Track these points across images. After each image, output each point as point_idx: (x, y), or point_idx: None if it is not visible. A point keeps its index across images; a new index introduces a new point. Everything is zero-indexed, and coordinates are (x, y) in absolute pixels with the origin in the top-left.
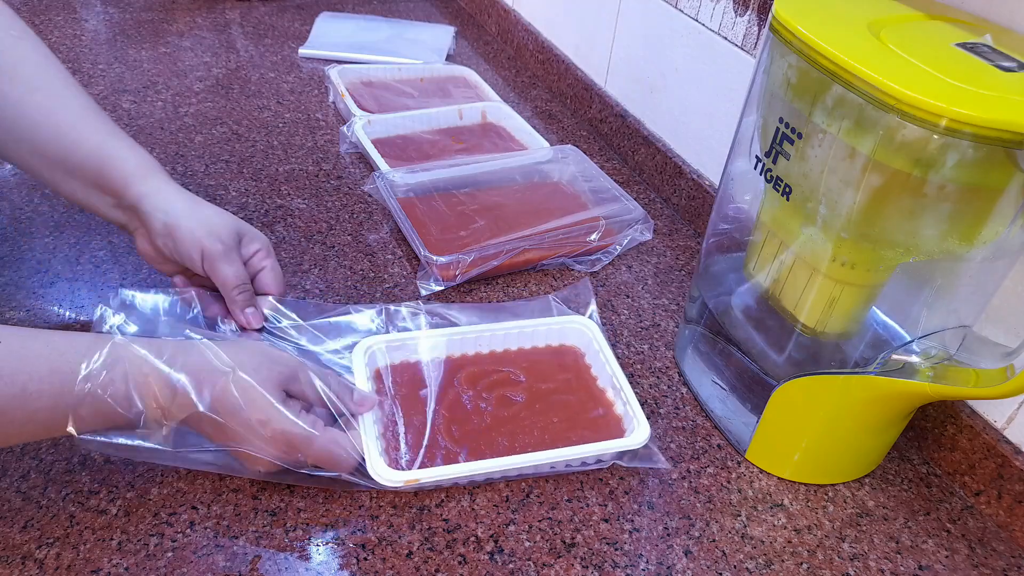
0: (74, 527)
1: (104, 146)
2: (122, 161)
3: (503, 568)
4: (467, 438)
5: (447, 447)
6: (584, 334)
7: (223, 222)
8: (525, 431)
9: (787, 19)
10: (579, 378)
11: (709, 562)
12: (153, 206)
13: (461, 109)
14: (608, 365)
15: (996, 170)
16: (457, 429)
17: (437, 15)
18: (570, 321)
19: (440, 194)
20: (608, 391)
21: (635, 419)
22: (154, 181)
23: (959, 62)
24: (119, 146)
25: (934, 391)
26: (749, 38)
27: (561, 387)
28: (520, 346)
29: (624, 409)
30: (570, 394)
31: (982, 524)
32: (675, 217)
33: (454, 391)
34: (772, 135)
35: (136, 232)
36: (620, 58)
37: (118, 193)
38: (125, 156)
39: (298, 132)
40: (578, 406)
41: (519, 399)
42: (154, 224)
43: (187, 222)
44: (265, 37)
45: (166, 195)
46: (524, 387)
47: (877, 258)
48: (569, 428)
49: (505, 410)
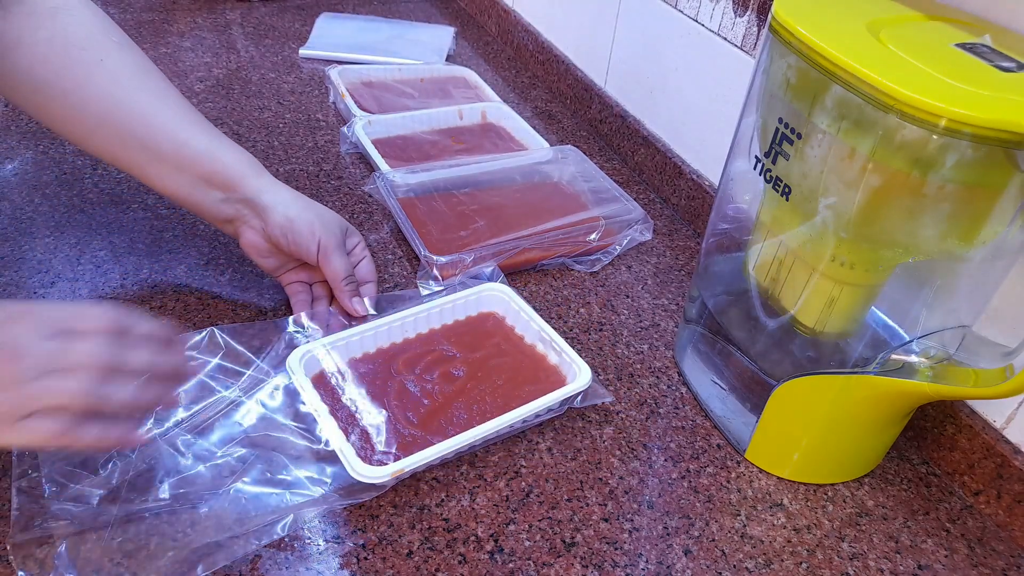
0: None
1: (216, 144)
2: (235, 159)
3: (503, 568)
4: (428, 421)
5: (412, 434)
6: (499, 298)
7: (334, 218)
8: (477, 400)
9: (786, 19)
10: (507, 340)
11: (709, 561)
12: (273, 199)
13: (461, 109)
14: (532, 322)
15: (995, 170)
16: (414, 415)
17: (437, 15)
18: (483, 290)
19: (440, 194)
20: (538, 345)
21: (573, 364)
22: (268, 179)
23: (958, 62)
24: (230, 146)
25: (933, 391)
26: (749, 38)
27: (494, 352)
28: (443, 323)
29: (559, 358)
30: (504, 356)
31: (981, 524)
32: (675, 217)
33: (397, 380)
34: (771, 135)
35: (243, 226)
36: (620, 58)
37: (233, 187)
38: (237, 155)
39: (298, 132)
40: (516, 365)
41: (460, 373)
42: (274, 216)
43: (306, 215)
44: (265, 38)
45: (282, 191)
46: (460, 360)
47: (876, 258)
48: (515, 387)
49: (451, 385)
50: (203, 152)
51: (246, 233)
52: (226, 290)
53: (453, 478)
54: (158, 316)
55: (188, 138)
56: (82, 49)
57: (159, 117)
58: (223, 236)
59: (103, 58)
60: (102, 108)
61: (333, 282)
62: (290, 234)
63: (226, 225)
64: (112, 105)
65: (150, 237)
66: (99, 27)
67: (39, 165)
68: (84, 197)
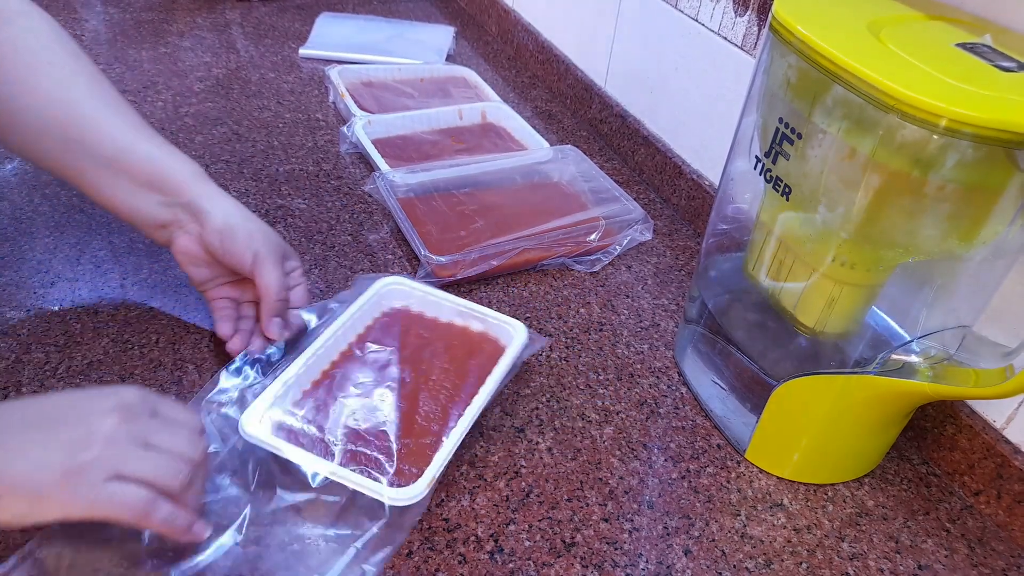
0: (74, 526)
1: (161, 151)
2: (180, 165)
3: (503, 568)
4: (409, 427)
5: (406, 444)
6: (397, 292)
7: (275, 236)
8: (438, 390)
9: (787, 19)
10: (426, 327)
11: (709, 561)
12: (213, 205)
13: (461, 109)
14: (440, 301)
15: (996, 170)
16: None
17: (437, 15)
18: (379, 288)
19: (440, 194)
20: (456, 320)
21: (502, 324)
22: (213, 187)
23: (959, 62)
24: (176, 153)
25: (933, 391)
26: (749, 38)
27: (420, 343)
28: (356, 334)
29: (483, 324)
30: (433, 343)
31: (981, 524)
32: (675, 217)
33: (351, 402)
34: (772, 135)
35: (178, 230)
36: (620, 58)
37: (174, 191)
38: (183, 162)
39: (298, 132)
40: (449, 346)
41: (405, 373)
42: (213, 220)
43: (246, 224)
44: (265, 37)
45: (224, 199)
46: (397, 362)
47: (877, 258)
48: (463, 365)
49: (404, 387)
50: (146, 157)
51: (180, 239)
52: None
53: (453, 478)
54: (158, 319)
55: (132, 143)
56: (33, 54)
57: (105, 123)
58: None
59: (53, 63)
60: (47, 113)
61: (265, 294)
62: (227, 240)
63: (159, 231)
64: (57, 110)
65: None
66: (53, 36)
67: None
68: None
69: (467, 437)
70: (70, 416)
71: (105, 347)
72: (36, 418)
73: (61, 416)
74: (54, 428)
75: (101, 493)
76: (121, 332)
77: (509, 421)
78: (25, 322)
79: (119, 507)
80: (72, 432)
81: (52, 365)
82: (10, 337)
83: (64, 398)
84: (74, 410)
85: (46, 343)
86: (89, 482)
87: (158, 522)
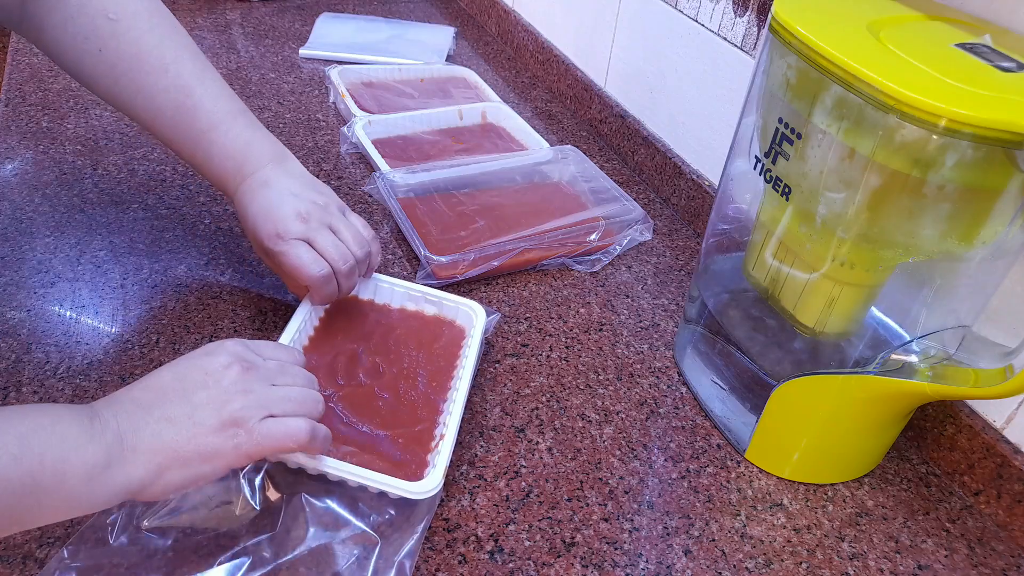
0: (75, 527)
1: (248, 131)
2: (262, 146)
3: (503, 568)
4: (397, 416)
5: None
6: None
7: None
8: (415, 374)
9: (786, 19)
10: (382, 314)
11: (708, 561)
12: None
13: (461, 109)
14: (393, 288)
15: (995, 170)
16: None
17: (437, 15)
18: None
19: (440, 194)
20: (408, 305)
21: (457, 306)
22: (273, 171)
23: (958, 62)
24: (258, 133)
25: (933, 391)
26: (749, 39)
27: (382, 330)
28: (311, 334)
29: (437, 308)
30: (394, 329)
31: (981, 524)
32: (675, 217)
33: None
34: (771, 135)
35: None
36: (620, 58)
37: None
38: (263, 142)
39: (299, 132)
40: (410, 331)
41: (378, 361)
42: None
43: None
44: (265, 38)
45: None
46: (365, 352)
47: (876, 258)
48: (431, 349)
49: (382, 377)
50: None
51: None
52: (226, 290)
53: (453, 478)
54: (158, 319)
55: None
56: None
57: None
58: (223, 236)
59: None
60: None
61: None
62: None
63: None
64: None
65: (150, 237)
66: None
67: (39, 165)
68: (84, 197)
69: (467, 437)
70: (195, 380)
71: (105, 347)
72: (159, 393)
73: (186, 383)
74: (186, 395)
75: (266, 432)
76: (121, 332)
77: (509, 421)
78: (25, 322)
79: (286, 439)
80: (206, 393)
81: (52, 365)
82: (10, 337)
83: (176, 368)
84: (194, 372)
85: (46, 343)
86: (248, 427)
87: (320, 443)
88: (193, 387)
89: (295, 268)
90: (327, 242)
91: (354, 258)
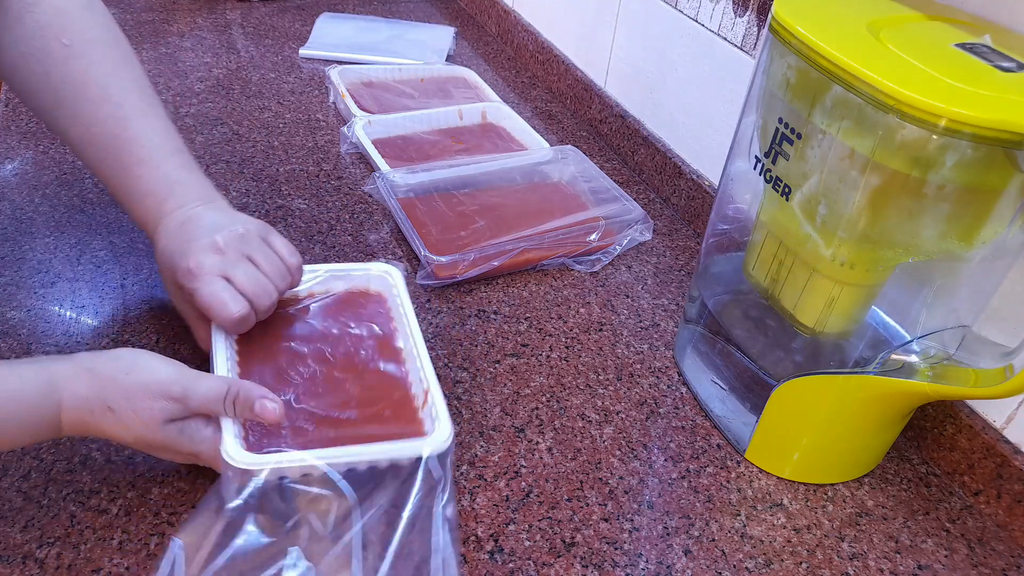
0: (75, 526)
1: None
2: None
3: (503, 568)
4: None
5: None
6: None
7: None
8: (358, 346)
9: (786, 19)
10: (291, 303)
11: (708, 561)
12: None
13: (461, 109)
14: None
15: (995, 170)
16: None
17: (437, 15)
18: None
19: (440, 194)
20: (316, 289)
21: (367, 272)
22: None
23: (958, 62)
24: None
25: (933, 391)
26: (749, 38)
27: (305, 313)
28: (236, 362)
29: (348, 281)
30: (314, 317)
31: (981, 524)
32: (675, 217)
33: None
34: (771, 135)
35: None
36: (620, 58)
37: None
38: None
39: (299, 132)
40: (333, 310)
41: (322, 347)
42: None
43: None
44: (266, 38)
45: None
46: (296, 339)
47: (876, 258)
48: (362, 323)
49: (328, 360)
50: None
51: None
52: None
53: (453, 478)
54: (158, 319)
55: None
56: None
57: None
58: None
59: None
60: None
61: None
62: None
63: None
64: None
65: None
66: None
67: (39, 165)
68: (84, 197)
69: (467, 437)
70: (204, 231)
71: (105, 347)
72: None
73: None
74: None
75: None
76: (121, 332)
77: (509, 421)
78: (25, 322)
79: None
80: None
81: None
82: (10, 337)
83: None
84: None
85: (46, 343)
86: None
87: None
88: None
89: (209, 308)
90: (246, 277)
91: (277, 291)
